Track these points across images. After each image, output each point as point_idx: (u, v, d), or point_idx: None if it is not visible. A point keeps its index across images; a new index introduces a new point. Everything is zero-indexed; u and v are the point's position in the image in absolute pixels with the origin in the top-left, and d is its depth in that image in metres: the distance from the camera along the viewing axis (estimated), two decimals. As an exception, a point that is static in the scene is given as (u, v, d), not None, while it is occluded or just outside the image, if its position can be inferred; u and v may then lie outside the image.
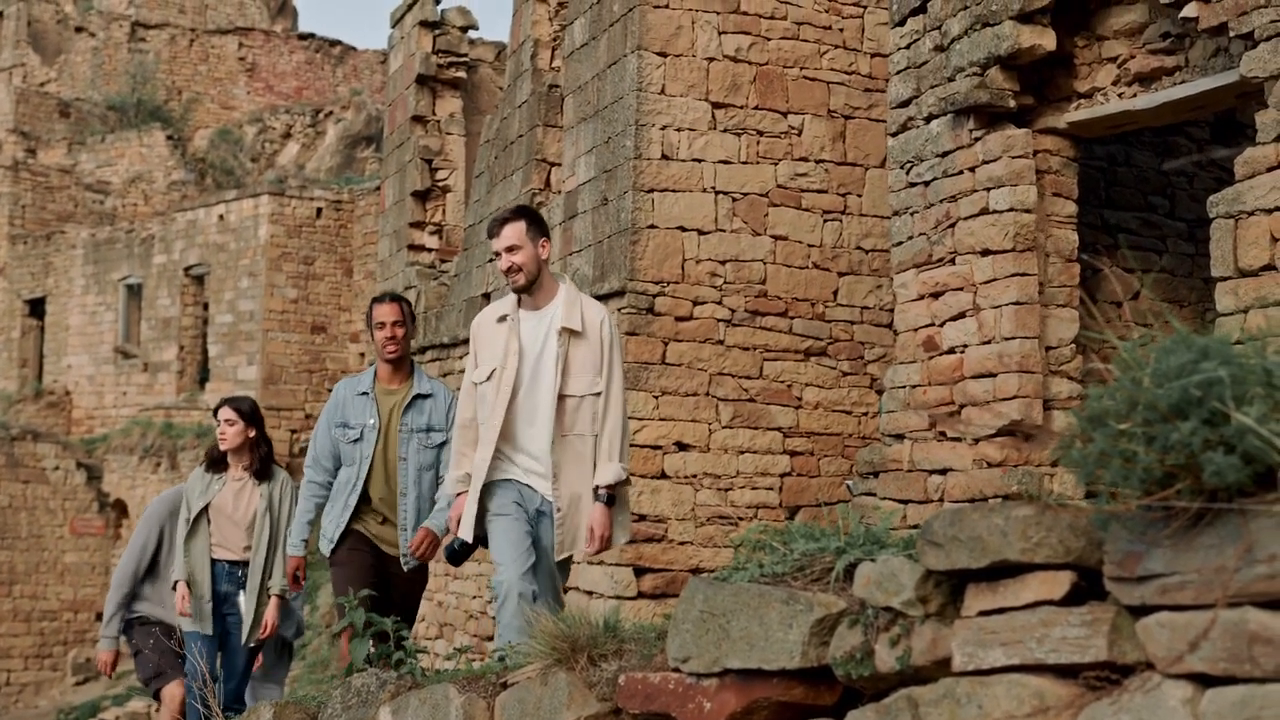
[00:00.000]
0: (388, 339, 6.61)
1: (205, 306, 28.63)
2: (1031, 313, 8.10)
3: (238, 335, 27.32)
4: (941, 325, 8.56)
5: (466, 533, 5.67)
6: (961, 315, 8.41)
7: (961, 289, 8.41)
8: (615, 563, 10.41)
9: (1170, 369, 2.13)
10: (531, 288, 5.70)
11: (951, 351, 8.46)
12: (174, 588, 7.47)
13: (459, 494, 5.80)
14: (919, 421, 8.62)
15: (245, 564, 7.48)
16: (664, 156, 10.90)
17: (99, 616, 24.21)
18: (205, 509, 7.50)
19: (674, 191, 10.90)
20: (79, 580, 24.09)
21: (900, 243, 8.94)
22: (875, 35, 11.70)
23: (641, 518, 10.47)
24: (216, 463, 7.63)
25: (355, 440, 6.57)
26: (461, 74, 18.25)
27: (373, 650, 5.28)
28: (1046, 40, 7.99)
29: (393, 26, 18.97)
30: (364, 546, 6.54)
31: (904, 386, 8.81)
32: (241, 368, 26.88)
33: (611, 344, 5.67)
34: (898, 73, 9.07)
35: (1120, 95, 7.95)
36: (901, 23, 9.04)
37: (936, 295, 8.59)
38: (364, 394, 6.65)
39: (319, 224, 27.70)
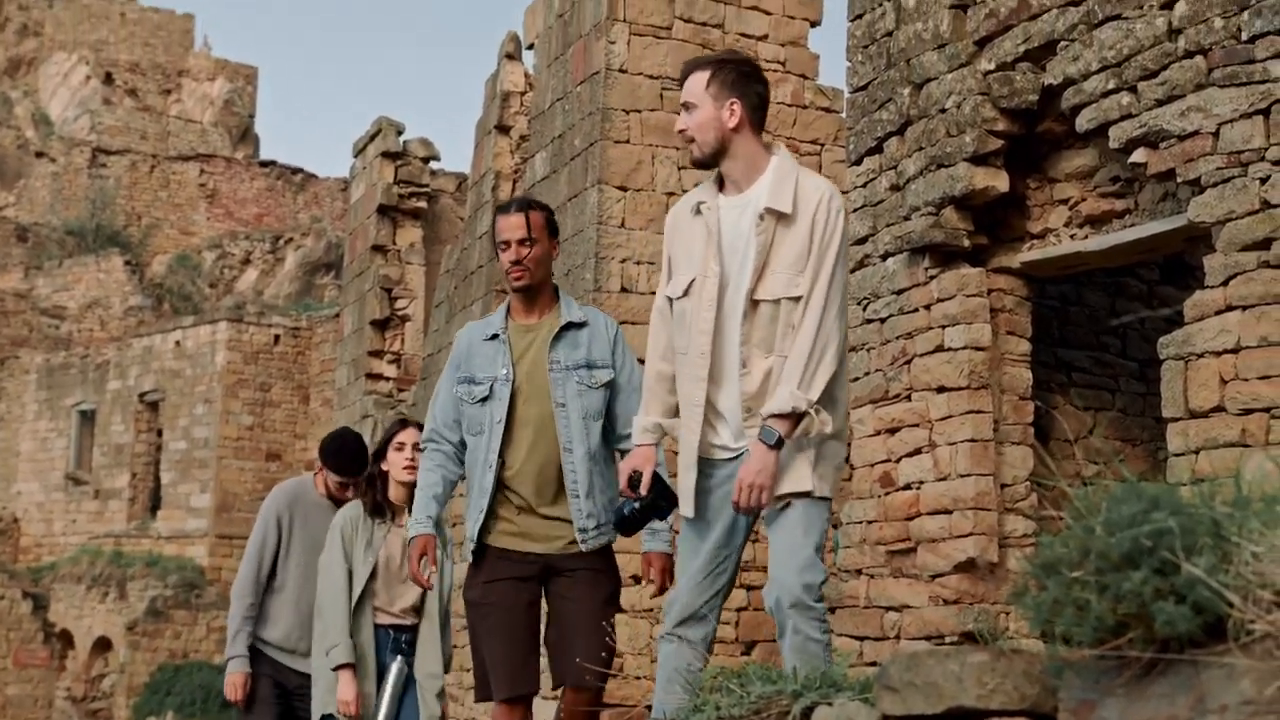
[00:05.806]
0: (513, 262, 5.05)
1: (159, 433, 28.48)
2: (986, 450, 8.15)
3: (191, 462, 27.15)
4: (897, 461, 8.59)
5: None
6: (917, 451, 8.46)
7: (917, 425, 8.46)
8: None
9: (1122, 518, 2.16)
10: (716, 162, 4.37)
11: (907, 488, 8.48)
12: (335, 670, 5.70)
13: (641, 444, 4.35)
14: (875, 558, 8.62)
15: (406, 628, 5.89)
16: (623, 289, 10.99)
17: (41, 749, 23.71)
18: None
19: (633, 324, 10.95)
20: (21, 714, 23.58)
21: (857, 378, 9.01)
22: (832, 173, 11.88)
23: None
24: (381, 507, 5.94)
25: (483, 399, 4.94)
26: (422, 204, 18.43)
27: None
28: (1000, 182, 8.14)
29: (355, 156, 19.15)
30: (505, 575, 4.90)
31: (860, 522, 8.82)
32: (195, 495, 26.69)
33: (826, 231, 4.14)
34: (854, 210, 9.20)
35: (1072, 236, 8.09)
36: (858, 162, 9.19)
37: (893, 431, 8.64)
38: (494, 337, 5.07)
39: (276, 351, 27.71)
